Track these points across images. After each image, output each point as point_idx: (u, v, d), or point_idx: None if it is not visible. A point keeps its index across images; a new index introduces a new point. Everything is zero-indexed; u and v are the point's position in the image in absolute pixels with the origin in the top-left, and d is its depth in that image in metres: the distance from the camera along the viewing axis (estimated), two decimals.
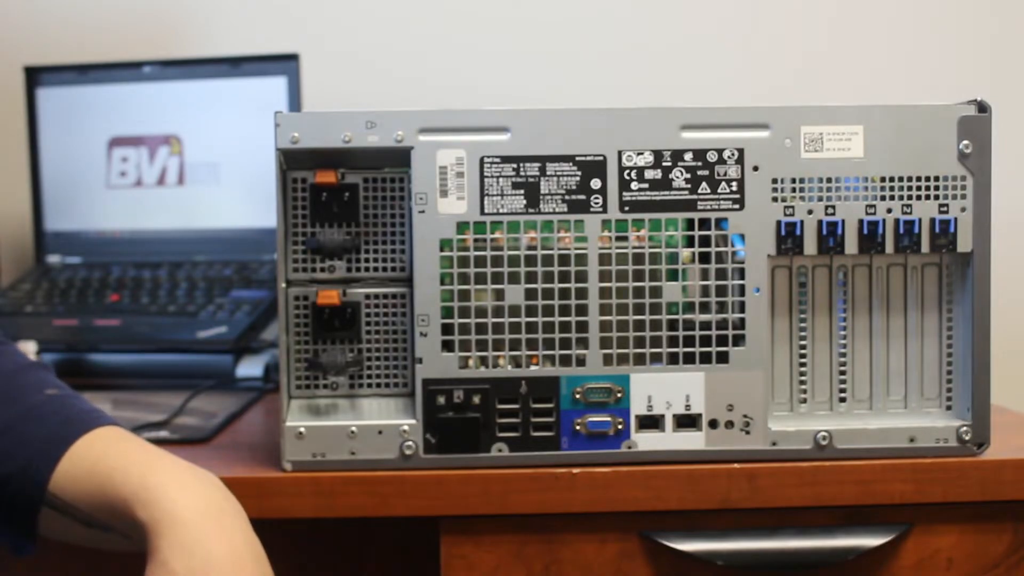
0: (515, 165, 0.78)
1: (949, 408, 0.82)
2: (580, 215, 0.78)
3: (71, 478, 0.69)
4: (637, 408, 0.79)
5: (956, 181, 0.79)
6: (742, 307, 0.79)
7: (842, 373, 0.82)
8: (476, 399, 0.78)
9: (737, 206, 0.79)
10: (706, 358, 0.79)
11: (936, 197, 0.79)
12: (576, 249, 0.78)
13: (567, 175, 0.78)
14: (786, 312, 0.81)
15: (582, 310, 0.78)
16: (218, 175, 1.26)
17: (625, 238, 0.79)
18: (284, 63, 1.24)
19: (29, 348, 1.09)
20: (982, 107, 0.79)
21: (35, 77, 1.30)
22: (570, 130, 0.78)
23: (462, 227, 0.78)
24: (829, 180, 0.79)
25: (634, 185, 0.78)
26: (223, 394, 1.07)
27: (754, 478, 0.78)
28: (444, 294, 0.78)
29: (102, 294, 1.22)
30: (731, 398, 0.79)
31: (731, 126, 0.79)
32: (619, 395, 0.79)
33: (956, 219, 0.79)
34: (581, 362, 0.79)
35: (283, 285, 0.80)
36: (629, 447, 0.79)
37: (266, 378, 1.12)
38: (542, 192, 0.78)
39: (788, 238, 0.79)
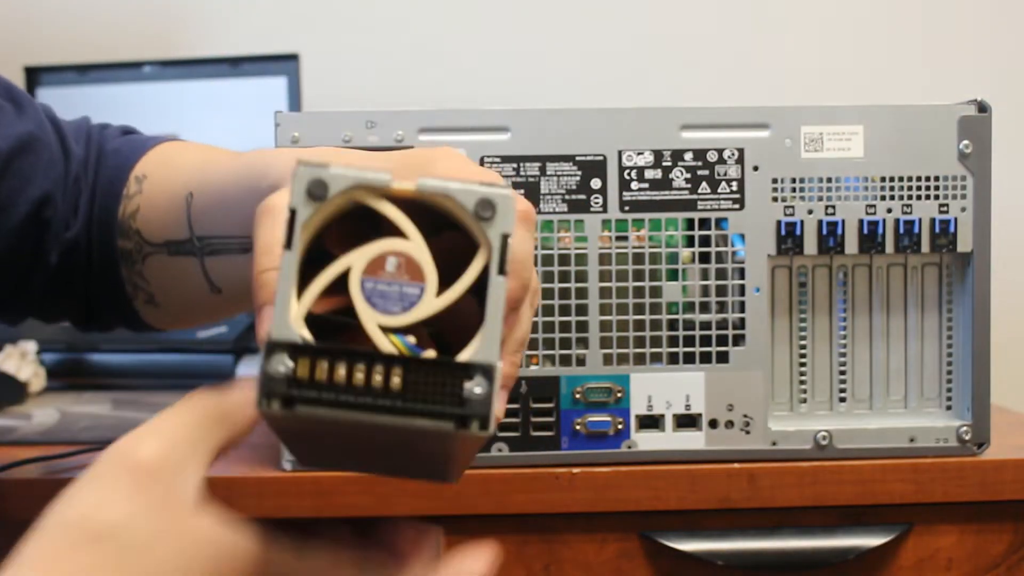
0: (515, 165, 0.78)
1: (949, 408, 0.82)
2: (580, 215, 0.78)
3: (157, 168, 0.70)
4: (637, 408, 0.79)
5: (956, 181, 0.79)
6: (742, 307, 0.79)
7: (842, 373, 0.82)
8: None
9: (737, 206, 0.79)
10: (706, 358, 0.79)
11: (936, 197, 0.79)
12: (576, 249, 0.78)
13: (567, 175, 0.78)
14: (786, 312, 0.81)
15: (582, 310, 0.78)
16: None
17: (625, 238, 0.79)
18: (284, 63, 1.24)
19: (29, 348, 1.09)
20: (982, 107, 0.79)
21: (35, 77, 1.30)
22: (570, 130, 0.78)
23: None
24: (829, 180, 0.79)
25: (634, 185, 0.78)
26: None
27: (754, 478, 0.78)
28: None
29: None
30: (731, 398, 0.79)
31: (731, 126, 0.79)
32: (619, 395, 0.79)
33: (956, 219, 0.79)
34: (581, 362, 0.79)
35: None
36: (629, 447, 0.79)
37: None
38: (542, 192, 0.78)
39: (788, 238, 0.79)
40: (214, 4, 1.41)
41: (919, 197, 0.79)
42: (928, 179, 0.79)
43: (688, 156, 0.78)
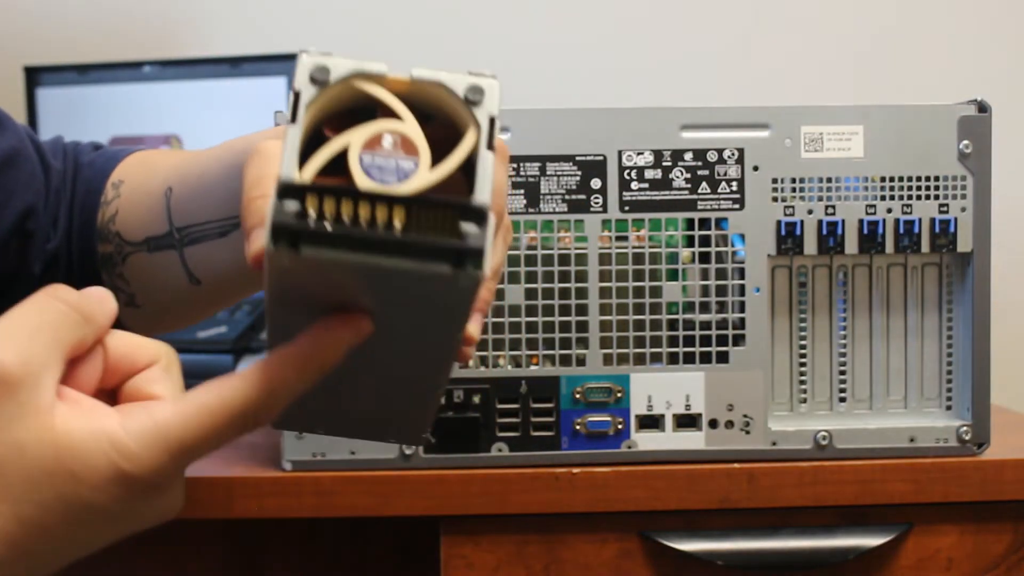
0: (515, 165, 0.78)
1: (949, 408, 0.82)
2: (580, 215, 0.78)
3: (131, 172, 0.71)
4: (637, 408, 0.79)
5: (956, 181, 0.79)
6: (742, 307, 0.79)
7: (842, 373, 0.82)
8: (476, 399, 0.78)
9: (737, 206, 0.79)
10: (706, 358, 0.79)
11: (936, 197, 0.79)
12: (576, 249, 0.78)
13: (567, 175, 0.78)
14: (786, 312, 0.81)
15: (582, 310, 0.78)
16: None
17: (625, 238, 0.79)
18: (284, 63, 1.24)
19: None
20: (982, 107, 0.79)
21: (35, 77, 1.30)
22: (570, 130, 0.78)
23: None
24: (829, 180, 0.79)
25: (634, 185, 0.78)
26: None
27: (754, 478, 0.78)
28: None
29: None
30: (731, 398, 0.79)
31: (731, 126, 0.79)
32: (619, 395, 0.79)
33: (956, 219, 0.79)
34: (581, 362, 0.79)
35: None
36: (629, 447, 0.79)
37: None
38: (542, 192, 0.78)
39: (788, 238, 0.79)
40: (214, 4, 1.41)
41: (919, 197, 0.79)
42: (928, 179, 0.79)
43: (688, 156, 0.78)
